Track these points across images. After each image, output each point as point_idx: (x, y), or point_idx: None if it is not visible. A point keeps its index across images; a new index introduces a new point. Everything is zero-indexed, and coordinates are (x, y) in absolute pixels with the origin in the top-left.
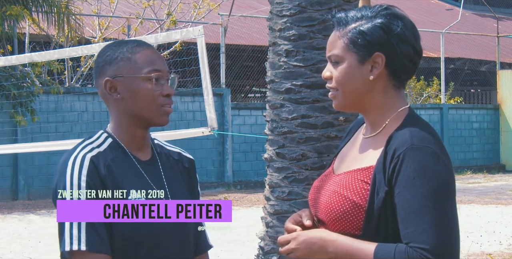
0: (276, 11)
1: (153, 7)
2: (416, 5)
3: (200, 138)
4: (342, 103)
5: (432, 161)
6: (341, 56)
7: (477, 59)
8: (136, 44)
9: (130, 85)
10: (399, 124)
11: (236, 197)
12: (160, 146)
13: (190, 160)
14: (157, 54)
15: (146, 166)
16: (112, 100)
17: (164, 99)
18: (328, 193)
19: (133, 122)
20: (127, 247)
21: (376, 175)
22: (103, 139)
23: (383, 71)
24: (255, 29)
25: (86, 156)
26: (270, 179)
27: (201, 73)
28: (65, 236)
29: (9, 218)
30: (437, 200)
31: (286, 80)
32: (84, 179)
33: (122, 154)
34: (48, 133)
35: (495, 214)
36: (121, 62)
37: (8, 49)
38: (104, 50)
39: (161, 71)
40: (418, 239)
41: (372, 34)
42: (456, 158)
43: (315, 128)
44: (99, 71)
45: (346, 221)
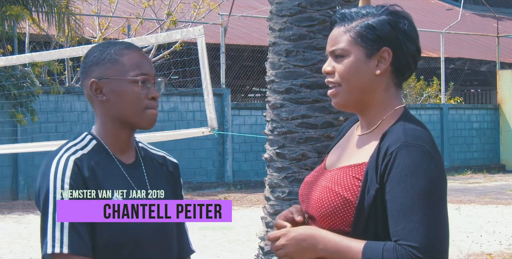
0: (276, 11)
1: (153, 7)
2: (416, 5)
3: (200, 138)
4: (344, 100)
5: (425, 160)
6: (347, 49)
7: (477, 59)
8: (124, 46)
9: (116, 87)
10: (394, 121)
11: (236, 197)
12: (144, 149)
13: (174, 164)
14: (145, 57)
15: (130, 169)
16: (98, 101)
17: (150, 102)
18: (320, 188)
19: (118, 124)
20: (109, 249)
21: (368, 172)
22: (87, 141)
23: (388, 68)
24: (255, 29)
25: (70, 158)
26: (270, 179)
27: (201, 73)
28: (47, 238)
29: (9, 218)
30: (427, 199)
31: (286, 80)
32: (68, 181)
33: (106, 157)
34: (48, 133)
35: (495, 214)
36: (108, 63)
37: (8, 49)
38: (92, 50)
39: (148, 74)
40: (407, 237)
41: (381, 28)
42: (456, 158)
43: (315, 128)
44: (85, 72)
45: (336, 217)
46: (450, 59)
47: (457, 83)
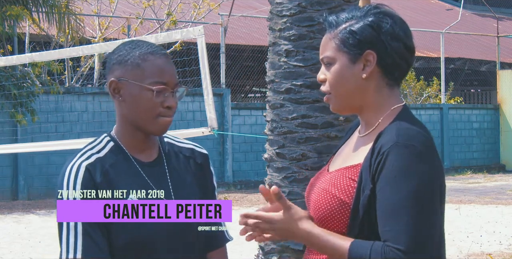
0: (276, 11)
1: (153, 7)
2: (416, 5)
3: (200, 138)
4: (336, 106)
5: (416, 161)
6: (332, 57)
7: (477, 59)
8: (150, 50)
9: (132, 91)
10: (391, 121)
11: (236, 197)
12: (170, 144)
13: (203, 155)
14: (168, 64)
15: (148, 168)
16: (116, 100)
17: (164, 110)
18: (318, 190)
19: (132, 125)
20: (128, 250)
21: (362, 172)
22: (104, 143)
23: (375, 69)
24: (255, 29)
25: (82, 164)
26: (270, 179)
27: (201, 73)
28: (62, 244)
29: (9, 218)
30: (417, 200)
31: (286, 80)
32: (79, 188)
33: (123, 158)
34: (48, 133)
35: (495, 214)
36: (129, 66)
37: (8, 49)
38: (119, 48)
39: (167, 83)
40: (394, 239)
41: (362, 32)
42: (456, 158)
43: (315, 128)
44: (109, 68)
45: (333, 219)
46: (450, 59)
47: (457, 83)
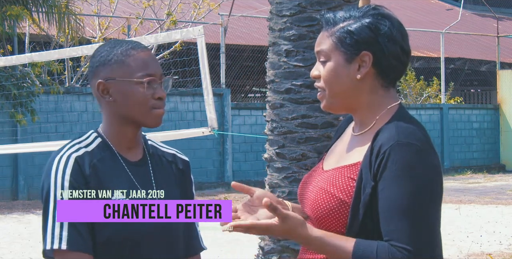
0: (276, 11)
1: (153, 7)
2: (416, 5)
3: (200, 138)
4: (329, 104)
5: (418, 159)
6: (328, 54)
7: (477, 59)
8: (131, 46)
9: (122, 89)
10: (387, 120)
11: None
12: (153, 147)
13: (184, 162)
14: (151, 56)
15: (134, 167)
16: (104, 102)
17: (156, 102)
18: (316, 189)
19: (124, 122)
20: (109, 247)
21: (362, 171)
22: (92, 139)
23: (370, 70)
24: (255, 29)
25: (71, 156)
26: (270, 179)
27: (201, 73)
28: (47, 234)
29: (9, 218)
30: (420, 200)
31: (286, 80)
32: (68, 179)
33: (110, 155)
34: (48, 133)
35: (495, 214)
36: (114, 64)
37: (8, 49)
38: (99, 50)
39: (154, 75)
40: (400, 239)
41: (359, 33)
42: (456, 158)
43: (315, 128)
44: (93, 71)
45: (331, 219)
46: (450, 59)
47: (457, 83)
